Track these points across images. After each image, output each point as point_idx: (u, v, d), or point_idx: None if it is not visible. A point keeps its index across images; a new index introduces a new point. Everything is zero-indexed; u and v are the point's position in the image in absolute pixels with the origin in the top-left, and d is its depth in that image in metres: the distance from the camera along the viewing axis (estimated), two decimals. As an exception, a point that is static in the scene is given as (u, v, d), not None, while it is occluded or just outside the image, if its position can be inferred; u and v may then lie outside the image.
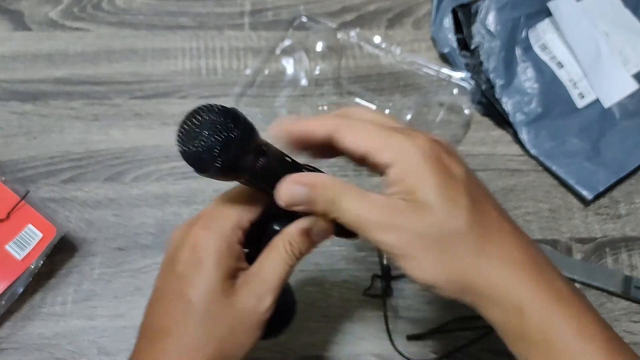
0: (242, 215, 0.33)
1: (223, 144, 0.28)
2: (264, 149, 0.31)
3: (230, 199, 0.33)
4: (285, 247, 0.33)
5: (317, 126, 0.32)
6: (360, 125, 0.31)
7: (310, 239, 0.33)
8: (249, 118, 0.30)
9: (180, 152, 0.29)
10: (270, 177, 0.31)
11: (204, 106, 0.29)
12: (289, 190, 0.31)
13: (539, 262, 0.31)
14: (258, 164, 0.30)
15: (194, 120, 0.28)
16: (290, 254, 0.33)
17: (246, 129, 0.29)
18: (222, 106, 0.29)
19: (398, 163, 0.30)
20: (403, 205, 0.30)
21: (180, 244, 0.33)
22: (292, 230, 0.33)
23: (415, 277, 0.30)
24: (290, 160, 0.33)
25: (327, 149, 0.32)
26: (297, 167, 0.33)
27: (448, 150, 0.32)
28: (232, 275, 0.32)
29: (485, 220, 0.30)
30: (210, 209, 0.34)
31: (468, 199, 0.30)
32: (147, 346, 0.33)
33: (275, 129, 0.32)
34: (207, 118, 0.28)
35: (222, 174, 0.29)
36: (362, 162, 0.32)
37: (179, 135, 0.29)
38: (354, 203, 0.30)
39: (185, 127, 0.29)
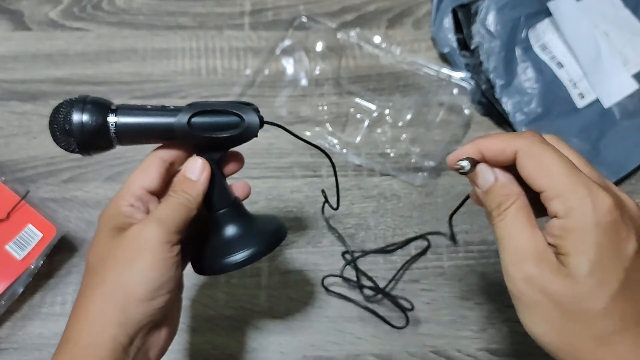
0: (130, 184, 0.37)
1: (65, 116, 0.35)
2: (114, 108, 0.35)
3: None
4: (172, 190, 0.37)
5: (505, 145, 0.32)
6: (547, 157, 0.30)
7: (186, 177, 0.37)
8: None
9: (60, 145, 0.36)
10: (143, 130, 0.36)
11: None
12: (486, 171, 0.33)
13: None
14: (112, 119, 0.35)
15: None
16: (175, 195, 0.36)
17: (78, 100, 0.35)
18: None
19: (567, 219, 0.29)
20: (553, 261, 0.29)
21: None
22: (176, 177, 0.38)
23: (528, 330, 0.30)
24: (150, 106, 0.36)
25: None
26: (162, 109, 0.36)
27: (630, 217, 0.30)
28: (122, 228, 0.35)
29: (628, 311, 0.28)
30: None
31: (620, 284, 0.28)
32: None
33: (468, 147, 0.34)
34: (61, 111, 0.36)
35: (83, 139, 0.35)
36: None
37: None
38: (517, 225, 0.31)
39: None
